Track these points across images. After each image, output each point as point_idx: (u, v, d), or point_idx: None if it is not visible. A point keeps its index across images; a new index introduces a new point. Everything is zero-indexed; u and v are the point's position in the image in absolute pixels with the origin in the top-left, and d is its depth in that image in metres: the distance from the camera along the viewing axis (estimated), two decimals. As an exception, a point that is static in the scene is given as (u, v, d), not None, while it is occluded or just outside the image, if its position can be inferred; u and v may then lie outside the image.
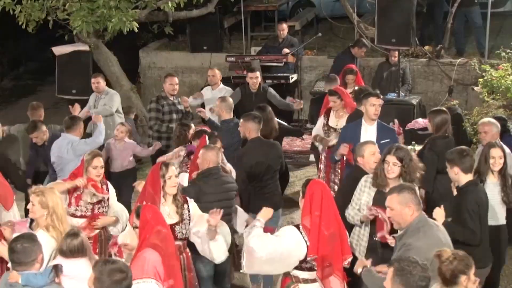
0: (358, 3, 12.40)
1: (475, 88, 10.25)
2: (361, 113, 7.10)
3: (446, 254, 4.14)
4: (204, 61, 12.74)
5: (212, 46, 12.79)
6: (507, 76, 9.17)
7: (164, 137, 8.60)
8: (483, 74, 9.78)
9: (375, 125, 6.93)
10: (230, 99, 8.11)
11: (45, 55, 14.87)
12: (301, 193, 5.09)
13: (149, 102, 9.00)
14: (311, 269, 4.93)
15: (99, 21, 10.04)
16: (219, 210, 5.38)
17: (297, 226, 4.96)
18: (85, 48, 10.91)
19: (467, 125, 8.47)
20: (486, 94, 9.32)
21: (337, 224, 4.96)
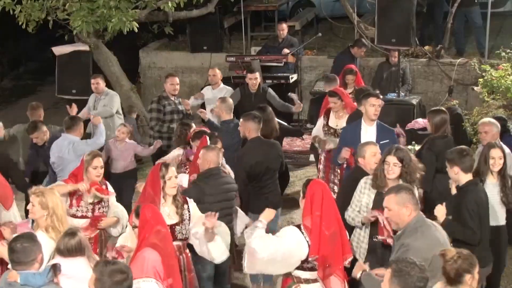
0: (358, 3, 12.38)
1: (475, 88, 10.25)
2: (361, 114, 7.08)
3: (451, 253, 4.14)
4: (204, 61, 12.73)
5: (212, 46, 12.78)
6: (507, 76, 9.17)
7: (165, 137, 8.59)
8: (483, 74, 9.78)
9: (374, 125, 6.91)
10: (230, 100, 8.11)
11: (45, 55, 14.87)
12: (301, 193, 5.10)
13: (150, 102, 8.99)
14: (313, 269, 4.94)
15: (99, 21, 10.02)
16: (214, 213, 5.39)
17: (298, 226, 4.97)
18: (85, 48, 10.89)
19: (467, 125, 8.46)
20: (486, 94, 9.31)
21: (337, 224, 4.97)
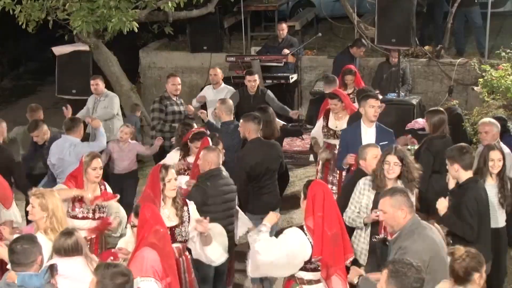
0: (358, 3, 12.38)
1: (475, 88, 10.24)
2: (361, 115, 7.07)
3: (459, 251, 4.15)
4: (204, 61, 12.72)
5: (212, 46, 12.77)
6: (507, 76, 9.15)
7: (167, 137, 8.58)
8: (483, 74, 9.77)
9: (374, 127, 6.89)
10: (230, 101, 8.10)
11: (45, 55, 14.86)
12: (302, 194, 5.10)
13: (152, 102, 9.01)
14: (316, 269, 4.94)
15: (99, 21, 10.02)
16: (204, 217, 5.41)
17: (300, 227, 4.97)
18: (85, 48, 10.91)
19: (467, 125, 8.45)
20: (486, 94, 9.30)
21: (339, 224, 4.98)
